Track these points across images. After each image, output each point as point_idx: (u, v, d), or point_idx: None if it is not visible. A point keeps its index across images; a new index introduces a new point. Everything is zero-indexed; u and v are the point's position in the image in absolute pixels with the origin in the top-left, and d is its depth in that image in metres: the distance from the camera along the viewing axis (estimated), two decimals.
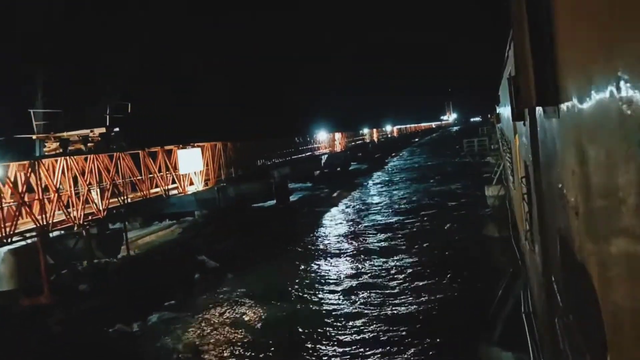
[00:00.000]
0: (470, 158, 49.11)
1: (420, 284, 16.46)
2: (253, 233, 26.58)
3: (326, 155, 48.86)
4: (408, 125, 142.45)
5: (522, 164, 5.76)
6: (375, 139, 77.68)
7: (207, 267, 20.60)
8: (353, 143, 62.36)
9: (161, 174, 20.73)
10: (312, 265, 20.47)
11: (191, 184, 21.96)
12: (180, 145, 21.30)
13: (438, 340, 12.09)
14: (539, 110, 3.31)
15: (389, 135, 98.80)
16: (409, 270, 17.89)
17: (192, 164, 21.71)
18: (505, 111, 13.60)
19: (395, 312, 14.49)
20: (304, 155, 44.94)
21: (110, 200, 17.40)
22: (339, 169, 56.01)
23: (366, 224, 27.58)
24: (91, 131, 16.90)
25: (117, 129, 17.65)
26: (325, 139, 49.99)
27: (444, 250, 19.60)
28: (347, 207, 35.40)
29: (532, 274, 6.31)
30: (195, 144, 22.49)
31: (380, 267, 18.74)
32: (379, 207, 32.97)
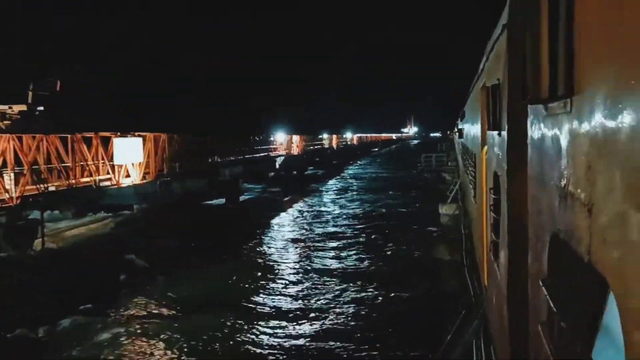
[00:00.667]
0: (428, 174, 48.74)
1: (361, 310, 15.23)
2: (195, 232, 24.90)
3: (282, 158, 47.49)
4: (369, 135, 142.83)
5: (490, 176, 5.81)
6: (335, 145, 76.81)
7: (136, 267, 18.88)
8: (311, 147, 61.20)
9: (96, 162, 18.90)
10: (253, 273, 19.08)
11: (128, 176, 20.16)
12: (119, 134, 19.50)
13: None
14: (535, 108, 3.05)
15: (349, 143, 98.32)
16: (350, 293, 16.62)
17: (130, 154, 19.95)
18: (470, 125, 13.19)
19: (326, 346, 13.12)
20: (259, 155, 43.45)
21: (28, 187, 15.51)
22: (294, 172, 54.78)
23: (315, 235, 26.36)
24: (9, 107, 15.00)
25: (41, 108, 15.73)
26: (284, 141, 48.61)
27: (390, 273, 18.23)
28: (298, 213, 34.16)
29: (493, 309, 5.80)
30: (136, 134, 20.73)
31: (321, 286, 17.42)
32: (330, 217, 31.84)
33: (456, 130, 48.53)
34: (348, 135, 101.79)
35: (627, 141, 1.45)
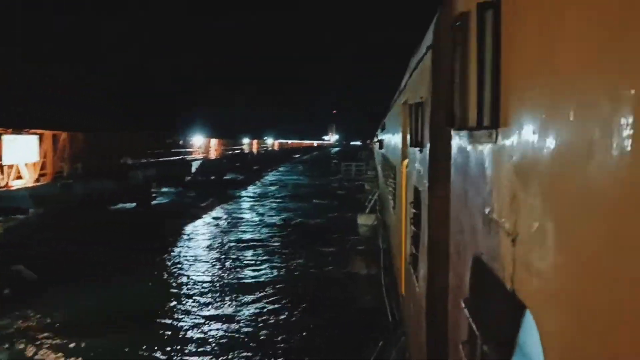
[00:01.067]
0: (347, 182, 48.99)
1: (274, 330, 14.40)
2: (99, 239, 22.99)
3: (199, 162, 45.71)
4: (290, 141, 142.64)
5: (410, 190, 5.90)
6: (255, 151, 75.54)
7: (24, 279, 16.90)
8: (231, 152, 59.59)
9: None
10: (162, 286, 17.72)
11: (20, 177, 18.08)
12: (10, 130, 17.42)
13: None
14: (458, 134, 3.06)
15: (270, 148, 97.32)
16: (265, 312, 15.70)
17: (23, 153, 17.88)
18: (391, 137, 12.96)
19: None
20: (175, 158, 41.45)
21: None
22: (213, 177, 52.99)
23: (230, 244, 25.18)
24: None
25: None
26: (202, 144, 46.80)
27: (306, 287, 17.40)
28: (214, 220, 32.78)
29: (412, 320, 5.81)
30: (31, 131, 18.67)
31: (232, 301, 16.33)
32: (247, 225, 30.73)
33: (376, 140, 49.04)
34: (269, 140, 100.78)
35: (550, 175, 1.52)
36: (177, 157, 42.57)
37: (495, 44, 2.01)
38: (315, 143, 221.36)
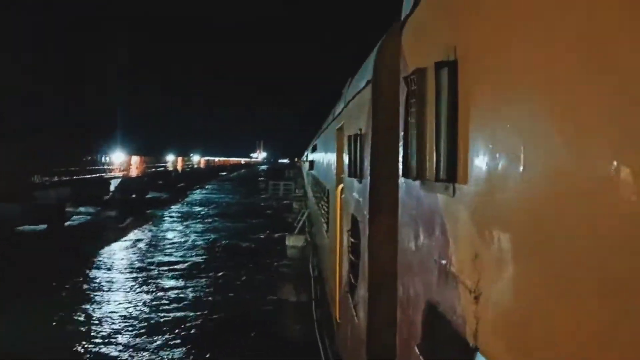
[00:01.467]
0: (275, 201, 48.04)
1: None
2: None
3: (119, 180, 43.32)
4: (217, 158, 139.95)
5: (346, 217, 5.85)
6: (180, 168, 73.05)
7: None
8: (154, 169, 57.15)
9: None
10: (73, 317, 16.10)
11: None
12: None
13: None
14: (405, 180, 2.97)
15: (196, 166, 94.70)
16: (182, 338, 14.67)
17: None
18: (324, 160, 12.84)
19: None
20: (91, 176, 39.02)
21: None
22: (134, 195, 50.49)
23: (151, 268, 23.64)
24: None
25: None
26: (122, 161, 44.43)
27: (231, 318, 16.17)
28: (134, 242, 30.92)
29: (348, 350, 5.84)
30: None
31: (149, 337, 15.04)
32: (169, 248, 29.15)
33: (305, 159, 48.71)
34: (195, 158, 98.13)
35: (512, 232, 1.52)
36: (95, 176, 40.13)
37: (452, 100, 2.06)
38: (242, 160, 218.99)
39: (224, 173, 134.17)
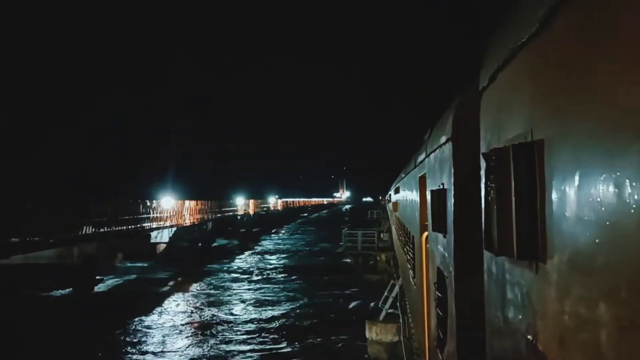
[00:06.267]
0: (351, 258, 37.17)
1: None
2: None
3: (172, 230, 37.10)
4: (297, 199, 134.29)
5: (434, 269, 5.58)
6: (252, 212, 66.93)
7: None
8: (219, 215, 51.05)
9: None
10: None
11: None
12: None
13: None
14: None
15: (272, 208, 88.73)
16: None
17: None
18: (407, 206, 12.36)
19: None
20: (138, 226, 33.13)
21: None
22: (200, 244, 44.62)
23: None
24: None
25: None
26: (175, 207, 38.41)
27: None
28: (181, 312, 24.09)
29: None
30: None
31: None
32: (227, 324, 21.98)
33: (389, 199, 39.98)
34: (271, 200, 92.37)
35: (601, 317, 1.51)
36: (146, 225, 34.26)
37: (530, 182, 2.12)
38: (325, 200, 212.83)
39: (305, 214, 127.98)
